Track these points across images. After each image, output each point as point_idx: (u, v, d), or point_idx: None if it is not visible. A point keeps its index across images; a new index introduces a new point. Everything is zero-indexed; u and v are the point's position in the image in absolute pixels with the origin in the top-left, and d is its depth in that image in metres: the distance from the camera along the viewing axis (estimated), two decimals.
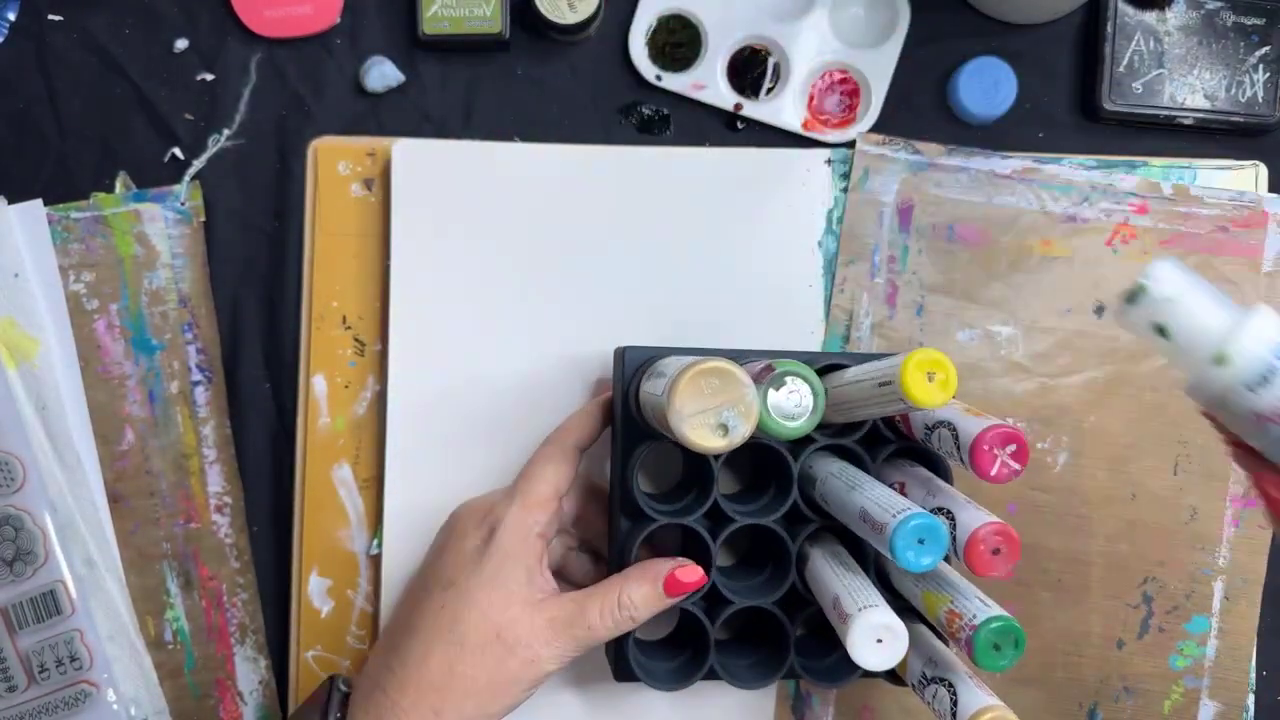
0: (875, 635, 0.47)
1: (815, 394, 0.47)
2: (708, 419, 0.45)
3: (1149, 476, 0.61)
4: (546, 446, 0.54)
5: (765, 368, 0.47)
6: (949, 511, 0.47)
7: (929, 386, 0.44)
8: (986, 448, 0.45)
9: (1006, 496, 0.61)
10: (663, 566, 0.50)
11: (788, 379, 0.46)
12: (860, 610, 0.48)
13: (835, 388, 0.49)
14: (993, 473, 0.45)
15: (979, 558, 0.45)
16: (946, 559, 0.46)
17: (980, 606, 0.47)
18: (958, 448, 0.47)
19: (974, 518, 0.46)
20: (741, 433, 0.45)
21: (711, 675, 0.54)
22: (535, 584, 0.50)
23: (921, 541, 0.45)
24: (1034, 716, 0.61)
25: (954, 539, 0.46)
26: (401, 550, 0.60)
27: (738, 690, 0.60)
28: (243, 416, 0.62)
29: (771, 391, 0.46)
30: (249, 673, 0.62)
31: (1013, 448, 0.45)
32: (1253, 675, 0.62)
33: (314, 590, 0.61)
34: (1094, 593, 0.61)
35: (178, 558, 0.61)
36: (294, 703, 0.61)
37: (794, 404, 0.47)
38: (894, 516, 0.45)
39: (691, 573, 0.50)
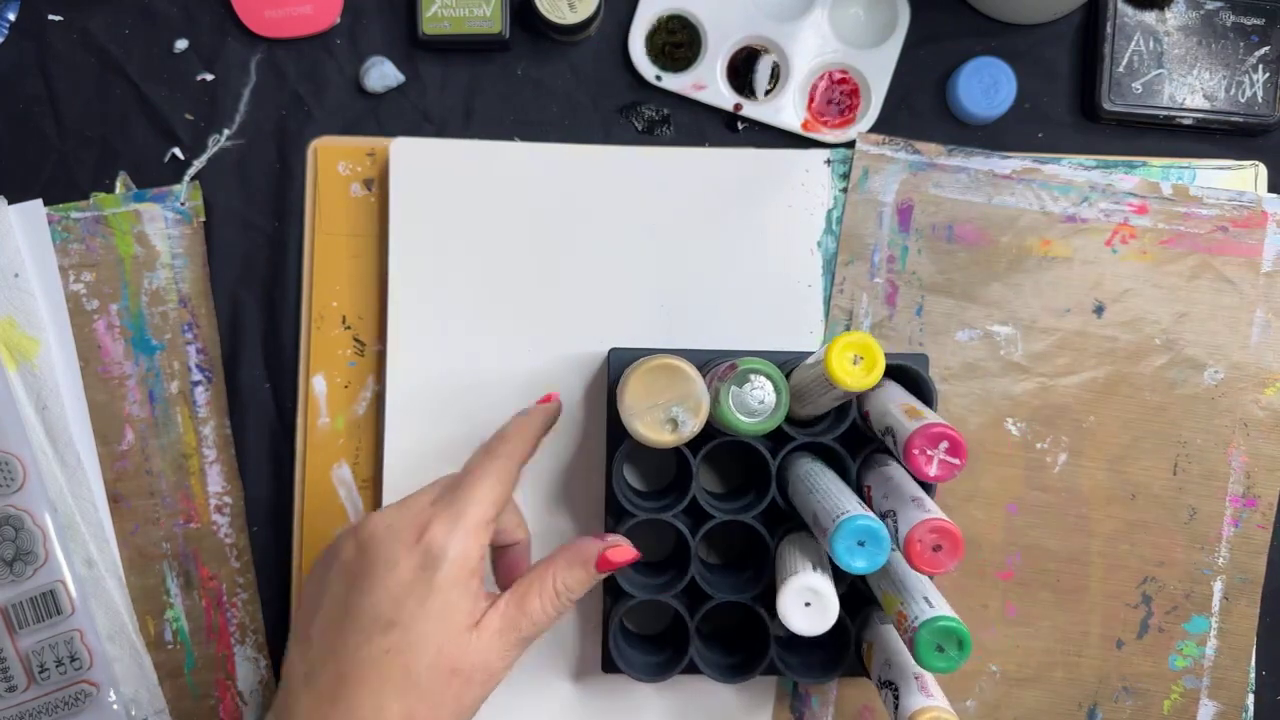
0: (803, 598, 0.48)
1: (778, 390, 0.47)
2: (657, 414, 0.47)
3: (1148, 476, 0.61)
4: (488, 460, 0.49)
5: (729, 365, 0.48)
6: (895, 512, 0.47)
7: (853, 369, 0.44)
8: (917, 450, 0.45)
9: (1006, 497, 0.61)
10: (592, 548, 0.48)
11: (751, 376, 0.47)
12: (792, 574, 0.49)
13: (795, 378, 0.50)
14: (931, 472, 0.45)
15: (918, 555, 0.45)
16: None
17: (925, 607, 0.47)
18: (899, 452, 0.47)
19: (914, 516, 0.45)
20: (691, 428, 0.47)
21: (692, 669, 0.55)
22: (478, 604, 0.47)
23: (862, 544, 0.45)
24: (1033, 716, 0.61)
25: (897, 537, 0.46)
26: None
27: (737, 690, 0.61)
28: (243, 416, 0.62)
29: (735, 388, 0.47)
30: (249, 673, 0.62)
31: (945, 445, 0.45)
32: (1252, 675, 0.62)
33: None
34: (1093, 593, 0.61)
35: (178, 558, 0.61)
36: None
37: (757, 400, 0.48)
38: (834, 519, 0.45)
39: (623, 553, 0.48)
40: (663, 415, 0.47)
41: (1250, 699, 0.62)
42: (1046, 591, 0.61)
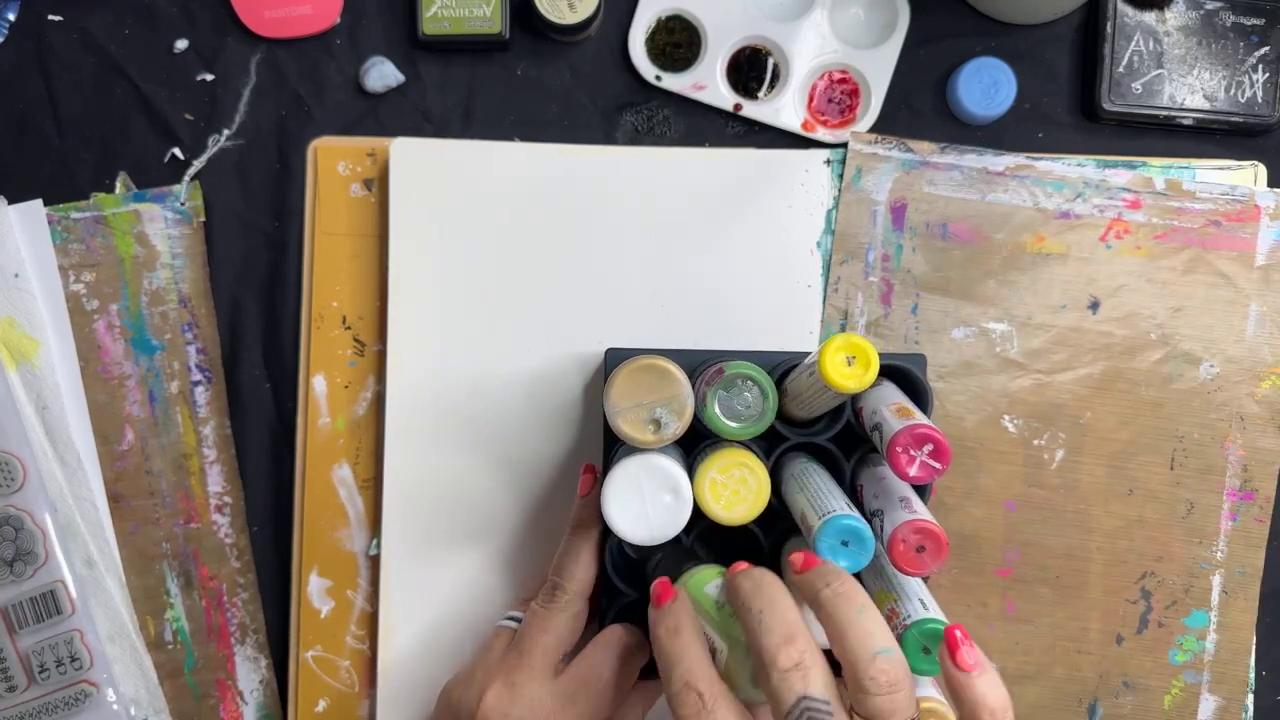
0: None
1: (765, 395, 0.47)
2: (641, 414, 0.47)
3: (1146, 472, 0.62)
4: (539, 674, 0.50)
5: (716, 369, 0.48)
6: (882, 512, 0.47)
7: (847, 370, 0.44)
8: (900, 449, 0.45)
9: (1004, 494, 0.61)
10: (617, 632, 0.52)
11: (738, 381, 0.47)
12: None
13: (792, 382, 0.50)
14: (911, 473, 0.45)
15: (901, 555, 0.45)
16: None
17: (918, 608, 0.47)
18: (883, 449, 0.47)
19: (900, 516, 0.45)
20: (673, 429, 0.47)
21: None
22: None
23: (846, 544, 0.45)
24: (1034, 713, 0.62)
25: (883, 537, 0.46)
26: (401, 551, 0.60)
27: None
28: (243, 416, 0.62)
29: (721, 393, 0.48)
30: (249, 672, 0.61)
31: (930, 447, 0.45)
32: (1252, 669, 0.62)
33: (314, 590, 0.61)
34: (1093, 588, 0.62)
35: (178, 558, 0.61)
36: (294, 702, 0.61)
37: (743, 405, 0.48)
38: (820, 518, 0.45)
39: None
40: (646, 415, 0.47)
41: (1250, 699, 0.62)
42: (1046, 588, 0.62)
